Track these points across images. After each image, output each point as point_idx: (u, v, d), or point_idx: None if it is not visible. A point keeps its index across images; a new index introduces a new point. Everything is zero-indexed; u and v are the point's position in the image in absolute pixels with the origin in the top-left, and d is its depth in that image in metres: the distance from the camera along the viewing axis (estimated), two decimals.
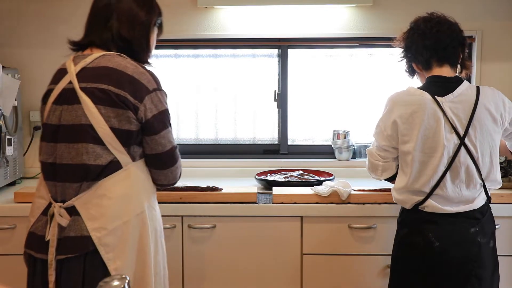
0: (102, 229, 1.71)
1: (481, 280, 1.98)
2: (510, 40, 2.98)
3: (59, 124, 1.76)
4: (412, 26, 2.09)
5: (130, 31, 1.81)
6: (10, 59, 2.97)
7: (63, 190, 1.75)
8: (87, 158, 1.71)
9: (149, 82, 1.76)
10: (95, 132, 1.71)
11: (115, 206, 1.74)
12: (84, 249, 1.71)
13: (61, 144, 1.75)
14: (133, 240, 1.77)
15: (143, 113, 1.74)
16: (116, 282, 1.01)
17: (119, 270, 1.72)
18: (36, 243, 1.77)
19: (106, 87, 1.71)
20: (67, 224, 1.72)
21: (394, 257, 2.13)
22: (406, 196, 2.04)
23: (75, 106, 1.73)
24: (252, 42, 3.06)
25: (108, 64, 1.74)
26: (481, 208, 2.01)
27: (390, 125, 2.03)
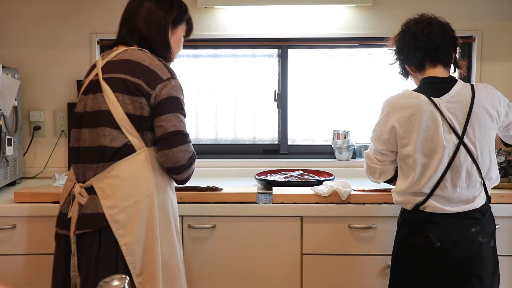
0: (115, 207, 1.88)
1: (482, 280, 1.98)
2: (510, 40, 2.98)
3: (83, 111, 1.95)
4: (403, 29, 2.10)
5: (147, 29, 1.99)
6: (10, 59, 2.97)
7: (84, 171, 1.93)
8: (104, 140, 1.89)
9: (163, 73, 1.92)
10: (112, 117, 1.89)
11: (126, 186, 1.89)
12: (98, 225, 1.87)
13: (84, 129, 1.94)
14: (142, 219, 1.91)
15: (154, 99, 1.90)
16: (116, 282, 1.01)
17: (128, 246, 1.87)
18: (61, 221, 1.96)
19: (124, 76, 1.90)
20: (85, 202, 1.89)
21: (394, 257, 2.13)
22: (407, 197, 2.04)
23: (98, 94, 1.92)
24: (252, 42, 3.06)
25: (128, 57, 1.94)
26: (481, 208, 2.01)
27: (388, 130, 2.04)
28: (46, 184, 2.75)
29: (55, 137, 3.06)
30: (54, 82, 3.04)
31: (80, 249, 1.90)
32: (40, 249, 2.45)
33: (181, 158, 1.92)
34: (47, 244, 2.45)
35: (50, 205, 2.44)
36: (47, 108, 3.05)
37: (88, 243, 1.89)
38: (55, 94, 3.04)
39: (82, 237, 1.90)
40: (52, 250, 2.44)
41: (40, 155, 3.06)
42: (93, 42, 3.02)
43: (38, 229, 2.44)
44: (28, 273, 2.46)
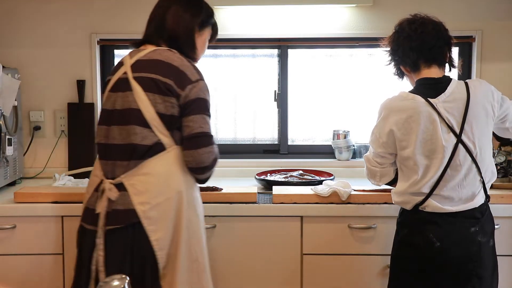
0: (146, 204, 1.91)
1: (482, 280, 1.98)
2: (510, 40, 2.98)
3: (113, 109, 1.97)
4: (397, 29, 2.10)
5: (176, 29, 2.04)
6: (10, 59, 2.98)
7: (114, 167, 1.95)
8: (135, 138, 1.91)
9: (192, 74, 1.97)
10: (142, 115, 1.92)
11: (158, 183, 1.93)
12: (130, 220, 1.90)
13: (113, 126, 1.96)
14: (172, 216, 1.96)
15: (183, 99, 1.94)
16: (116, 282, 1.01)
17: (159, 241, 1.92)
18: (89, 216, 1.98)
19: (155, 76, 1.93)
20: (115, 198, 1.91)
21: (393, 257, 2.13)
22: (406, 197, 2.04)
23: (127, 93, 1.95)
24: (252, 42, 3.06)
25: (158, 57, 1.97)
26: (481, 207, 2.01)
27: (386, 133, 2.04)
28: (46, 184, 2.75)
29: (55, 137, 3.06)
30: (54, 82, 3.04)
31: (108, 244, 1.92)
32: (40, 249, 2.46)
33: (205, 159, 1.97)
34: (47, 244, 2.45)
35: (50, 205, 2.45)
36: (47, 108, 3.05)
37: (118, 238, 1.91)
38: (55, 94, 3.04)
39: (111, 233, 1.92)
40: (51, 250, 2.46)
41: (40, 155, 3.06)
42: (93, 42, 3.02)
43: (38, 229, 2.44)
44: (28, 273, 2.46)
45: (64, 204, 2.45)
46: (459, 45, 3.03)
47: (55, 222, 2.44)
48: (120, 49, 3.13)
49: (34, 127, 3.04)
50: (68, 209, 2.44)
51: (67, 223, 2.44)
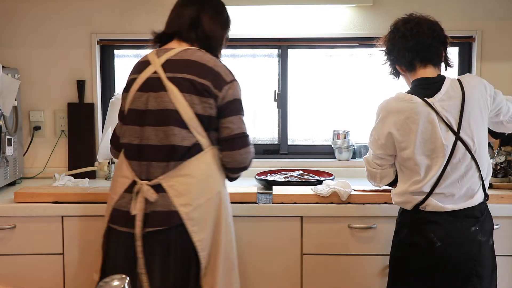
0: (189, 205, 1.90)
1: (481, 279, 1.98)
2: (510, 40, 2.98)
3: (145, 109, 1.94)
4: (392, 29, 2.11)
5: (212, 31, 2.07)
6: (10, 59, 2.98)
7: (149, 168, 1.93)
8: (174, 139, 1.90)
9: (227, 74, 1.98)
10: (180, 116, 1.90)
11: (198, 184, 1.93)
12: (173, 222, 1.89)
13: (148, 127, 1.93)
14: (212, 216, 1.97)
15: (221, 100, 1.95)
16: (116, 282, 1.01)
17: (202, 242, 1.92)
18: (120, 218, 1.94)
19: (191, 77, 1.92)
20: (155, 199, 1.89)
21: (393, 257, 2.13)
22: (407, 197, 2.03)
23: (161, 93, 1.92)
24: (252, 42, 3.06)
25: (191, 57, 1.96)
26: (480, 206, 2.01)
27: (385, 135, 2.04)
28: (46, 184, 2.75)
29: (55, 137, 3.06)
30: (54, 82, 3.04)
31: (147, 246, 1.89)
32: (40, 249, 2.46)
33: (245, 160, 2.02)
34: (47, 244, 2.45)
35: (50, 205, 2.45)
36: (47, 108, 3.06)
37: (160, 240, 1.90)
38: (55, 94, 3.04)
39: (151, 235, 1.89)
40: (51, 250, 2.45)
41: (40, 155, 3.06)
42: (93, 42, 3.02)
43: (38, 229, 2.44)
44: (28, 273, 2.46)
45: (64, 204, 2.45)
46: (459, 45, 3.04)
47: (55, 222, 2.44)
48: (120, 49, 3.13)
49: (34, 127, 3.04)
50: (68, 209, 2.44)
51: (67, 223, 2.44)
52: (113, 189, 1.99)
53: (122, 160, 2.00)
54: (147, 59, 2.02)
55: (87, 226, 2.44)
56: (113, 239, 1.98)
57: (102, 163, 2.96)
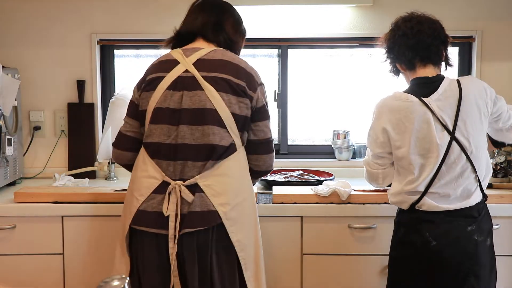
0: (227, 205, 1.89)
1: (479, 278, 1.98)
2: (510, 40, 2.98)
3: (180, 108, 1.90)
4: (393, 27, 2.11)
5: (235, 34, 2.08)
6: (10, 59, 2.97)
7: (183, 168, 1.90)
8: (214, 138, 1.89)
9: (258, 77, 2.00)
10: (219, 115, 1.89)
11: (235, 184, 1.93)
12: (212, 222, 1.87)
13: (183, 126, 1.90)
14: (249, 215, 1.98)
15: (255, 102, 1.96)
16: (116, 282, 1.01)
17: (241, 242, 1.91)
18: (151, 219, 1.89)
19: (227, 77, 1.91)
20: (192, 200, 1.86)
21: (391, 257, 2.13)
22: (402, 197, 2.04)
23: (197, 92, 1.90)
24: (252, 42, 3.06)
25: (223, 57, 1.96)
26: (477, 206, 2.01)
27: (381, 132, 2.04)
28: (46, 184, 2.75)
29: (55, 137, 3.06)
30: (54, 82, 3.04)
31: (182, 248, 1.87)
32: (40, 249, 2.46)
33: (272, 162, 2.08)
34: (47, 244, 2.45)
35: (50, 205, 2.45)
36: (47, 108, 3.05)
37: (200, 240, 1.87)
38: (55, 94, 3.04)
39: (187, 236, 1.87)
40: (51, 250, 2.45)
41: (40, 155, 3.06)
42: (93, 42, 3.02)
43: (38, 229, 2.44)
44: (28, 273, 2.46)
45: (64, 204, 2.45)
46: (459, 45, 3.03)
47: (55, 222, 2.44)
48: (120, 49, 3.13)
49: (34, 127, 3.04)
50: (68, 209, 2.44)
51: (67, 223, 2.44)
52: (138, 190, 1.93)
53: (146, 160, 1.95)
54: (172, 58, 1.98)
55: (87, 226, 2.44)
56: (140, 241, 1.93)
57: (102, 163, 2.96)
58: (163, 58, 2.01)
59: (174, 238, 1.86)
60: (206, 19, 2.03)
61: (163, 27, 2.96)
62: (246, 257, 1.93)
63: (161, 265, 1.90)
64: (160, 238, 1.89)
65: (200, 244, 1.88)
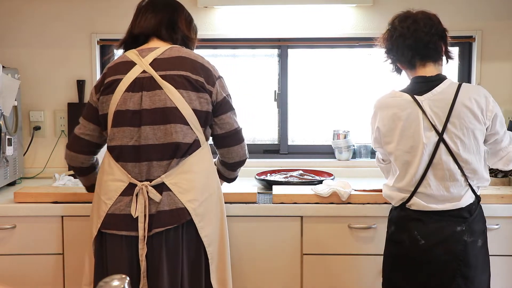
0: (195, 201, 1.91)
1: (468, 279, 1.96)
2: (510, 40, 2.98)
3: (140, 109, 1.91)
4: (390, 28, 2.11)
5: (190, 32, 2.10)
6: (10, 59, 2.98)
7: (149, 168, 1.91)
8: (177, 136, 1.90)
9: (215, 70, 2.02)
10: (180, 113, 1.90)
11: (201, 180, 1.94)
12: (182, 219, 1.89)
13: (145, 127, 1.90)
14: (215, 210, 2.00)
15: (215, 96, 1.98)
16: (116, 282, 1.01)
17: (208, 237, 1.94)
18: (120, 222, 1.90)
19: (185, 73, 1.92)
20: (160, 199, 1.88)
21: (384, 255, 2.14)
22: (392, 192, 2.06)
23: (156, 91, 1.91)
24: (252, 42, 3.06)
25: (179, 54, 1.96)
26: (469, 207, 1.99)
27: (375, 129, 2.08)
28: (46, 184, 2.75)
29: (55, 137, 3.06)
30: (54, 82, 3.04)
31: (153, 248, 1.88)
32: (40, 249, 2.46)
33: (245, 152, 2.11)
34: (47, 244, 2.45)
35: (50, 205, 2.45)
36: (47, 108, 3.05)
37: (169, 240, 1.89)
38: (55, 94, 3.04)
39: (157, 236, 1.88)
40: (51, 250, 2.46)
41: (40, 155, 3.06)
42: (93, 42, 3.02)
43: (38, 229, 2.44)
44: (28, 273, 2.46)
45: (64, 204, 2.45)
46: (459, 45, 3.03)
47: (55, 222, 2.44)
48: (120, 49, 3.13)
49: (34, 127, 3.04)
50: (68, 209, 2.44)
51: (67, 223, 2.44)
52: (105, 194, 1.93)
53: (112, 164, 1.95)
54: (128, 59, 1.97)
55: (87, 226, 2.44)
56: (111, 244, 1.93)
57: None
58: (119, 60, 2.01)
59: (144, 238, 1.87)
60: (159, 19, 2.04)
61: None
62: (213, 251, 1.96)
63: (131, 267, 1.91)
64: (130, 240, 1.90)
65: (170, 243, 1.90)
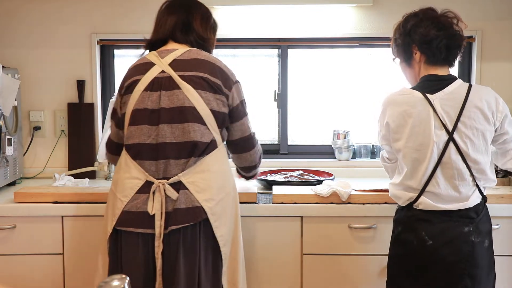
0: (211, 200, 1.93)
1: (475, 280, 1.97)
2: (510, 40, 2.98)
3: (158, 108, 1.93)
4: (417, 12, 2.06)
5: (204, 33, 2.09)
6: (10, 59, 2.98)
7: (166, 167, 1.92)
8: (195, 135, 1.92)
9: (232, 75, 2.04)
10: (198, 113, 1.92)
11: (217, 180, 1.96)
12: (198, 218, 1.90)
13: (163, 125, 1.92)
14: (231, 210, 2.01)
15: (231, 100, 2.00)
16: (116, 282, 1.01)
17: (223, 237, 1.95)
18: (136, 219, 1.91)
19: (203, 75, 1.95)
20: (177, 197, 1.89)
21: (389, 255, 2.14)
22: (399, 191, 2.05)
23: (175, 91, 1.93)
24: (252, 42, 3.06)
25: (199, 56, 1.99)
26: (476, 207, 2.00)
27: (384, 125, 2.06)
28: (46, 184, 2.75)
29: (55, 137, 3.06)
30: (54, 82, 3.04)
31: (169, 246, 1.89)
32: (40, 249, 2.46)
33: (256, 158, 2.15)
34: (47, 244, 2.45)
35: (50, 205, 2.45)
36: (47, 108, 3.05)
37: (185, 238, 1.90)
38: (55, 94, 3.04)
39: (173, 233, 1.89)
40: (51, 250, 2.45)
41: (40, 155, 3.06)
42: (93, 42, 3.02)
43: (38, 229, 2.44)
44: (28, 273, 2.46)
45: (64, 204, 2.45)
46: None
47: (55, 222, 2.44)
48: (120, 49, 3.13)
49: (34, 127, 3.04)
50: (68, 209, 2.44)
51: (67, 223, 2.44)
52: (121, 191, 1.95)
53: (128, 162, 1.97)
54: (148, 61, 2.01)
55: (87, 226, 2.44)
56: (126, 242, 1.94)
57: (102, 163, 2.96)
58: (138, 61, 2.06)
59: (160, 236, 1.89)
60: (174, 22, 2.05)
61: None
62: (227, 251, 1.97)
63: (146, 265, 1.92)
64: (146, 238, 1.91)
65: (187, 242, 1.90)
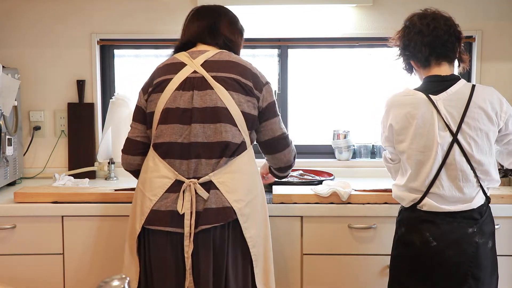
0: (241, 201, 1.93)
1: (479, 281, 1.97)
2: (510, 40, 2.98)
3: (191, 107, 1.93)
4: (408, 25, 2.08)
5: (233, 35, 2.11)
6: (10, 59, 2.98)
7: (197, 166, 1.93)
8: (227, 136, 1.93)
9: (263, 77, 2.05)
10: (230, 114, 1.94)
11: (247, 181, 1.98)
12: (228, 218, 1.90)
13: (195, 124, 1.93)
14: (260, 212, 2.01)
15: (262, 102, 2.01)
16: (116, 282, 1.01)
17: (252, 238, 1.95)
18: (166, 218, 1.91)
19: (236, 77, 1.96)
20: (208, 197, 1.89)
21: (392, 256, 2.13)
22: (403, 193, 2.04)
23: (208, 91, 1.94)
24: (252, 42, 3.06)
25: (230, 58, 2.01)
26: (480, 208, 2.00)
27: (388, 127, 2.06)
28: (46, 184, 2.75)
29: (55, 137, 3.06)
30: (54, 82, 3.04)
31: (198, 245, 1.89)
32: (40, 249, 2.46)
33: (290, 158, 2.14)
34: (47, 244, 2.45)
35: (50, 205, 2.45)
36: (47, 108, 3.05)
37: (215, 237, 1.90)
38: (55, 94, 3.04)
39: (203, 233, 1.89)
40: (51, 250, 2.45)
41: (40, 155, 3.06)
42: (93, 42, 3.02)
43: (38, 229, 2.44)
44: (28, 273, 2.46)
45: (64, 204, 2.45)
46: None
47: (55, 222, 2.44)
48: (120, 49, 3.13)
49: (34, 127, 3.04)
50: (68, 209, 2.44)
51: (67, 223, 2.44)
52: (150, 190, 1.94)
53: (157, 161, 1.96)
54: (178, 61, 2.01)
55: (87, 226, 2.45)
56: (153, 241, 1.94)
57: (102, 163, 2.96)
58: (168, 61, 2.05)
59: (190, 235, 1.89)
60: (203, 26, 2.07)
61: (163, 27, 2.96)
62: (257, 253, 1.97)
63: (174, 264, 1.92)
64: (174, 237, 1.91)
65: (216, 242, 1.91)
